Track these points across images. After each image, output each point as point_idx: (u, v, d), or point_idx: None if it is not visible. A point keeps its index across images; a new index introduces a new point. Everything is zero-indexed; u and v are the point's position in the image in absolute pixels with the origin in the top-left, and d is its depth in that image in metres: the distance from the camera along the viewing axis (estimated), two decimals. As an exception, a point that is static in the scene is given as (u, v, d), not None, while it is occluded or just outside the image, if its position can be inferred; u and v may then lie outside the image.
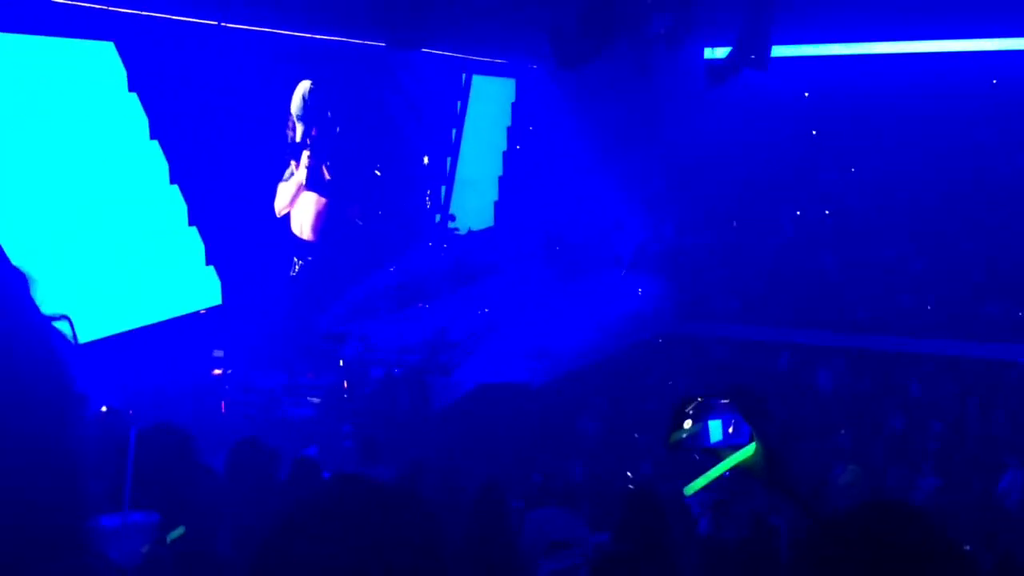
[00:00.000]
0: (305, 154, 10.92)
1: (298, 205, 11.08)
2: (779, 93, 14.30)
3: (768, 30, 11.64)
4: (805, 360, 12.36)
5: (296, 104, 10.79)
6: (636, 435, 10.70)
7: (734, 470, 1.85)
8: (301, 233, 11.16)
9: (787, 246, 14.17)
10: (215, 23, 9.24)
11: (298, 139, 10.90)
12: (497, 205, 15.58)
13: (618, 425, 11.28)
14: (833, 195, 14.55)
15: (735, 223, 14.84)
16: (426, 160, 13.47)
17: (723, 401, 2.03)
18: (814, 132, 15.04)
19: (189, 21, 9.03)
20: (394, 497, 1.06)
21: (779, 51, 12.61)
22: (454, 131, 14.02)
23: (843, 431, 10.39)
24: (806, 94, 15.06)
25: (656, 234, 15.28)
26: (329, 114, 11.08)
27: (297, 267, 11.32)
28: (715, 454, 1.94)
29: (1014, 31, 12.80)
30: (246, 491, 4.40)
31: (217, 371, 9.94)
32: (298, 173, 10.93)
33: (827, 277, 13.48)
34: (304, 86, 10.80)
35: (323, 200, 11.14)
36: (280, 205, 11.01)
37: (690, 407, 2.05)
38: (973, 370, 11.73)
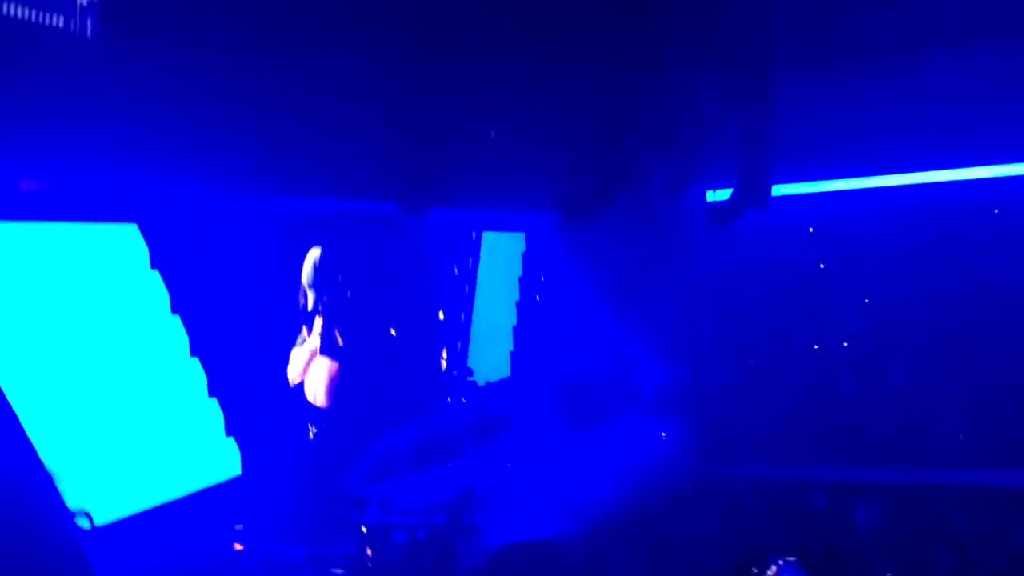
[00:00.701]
0: (318, 320, 10.94)
1: (312, 372, 11.02)
2: (784, 228, 14.57)
3: (767, 171, 12.02)
4: (841, 497, 12.02)
5: (307, 272, 10.90)
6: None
7: None
8: (315, 400, 11.06)
9: (808, 380, 14.08)
10: (232, 197, 9.55)
11: (310, 307, 10.94)
12: (513, 355, 15.61)
13: (651, 578, 10.87)
14: (849, 325, 14.57)
15: (752, 361, 14.80)
16: (441, 316, 13.58)
17: (790, 561, 1.92)
18: (822, 265, 15.21)
19: (207, 198, 9.33)
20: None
21: (780, 189, 12.99)
22: (467, 285, 14.23)
23: (889, 573, 9.99)
24: (810, 229, 15.32)
25: (674, 376, 15.19)
26: (340, 278, 11.18)
27: (312, 433, 11.14)
28: None
29: (1014, 159, 13.19)
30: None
31: (238, 545, 9.68)
32: (311, 340, 10.94)
33: (852, 410, 13.32)
34: (314, 253, 10.94)
35: (336, 365, 11.07)
36: (294, 373, 10.96)
37: (755, 568, 1.94)
38: (1015, 498, 11.39)
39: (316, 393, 11.06)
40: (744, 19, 10.76)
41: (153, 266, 9.03)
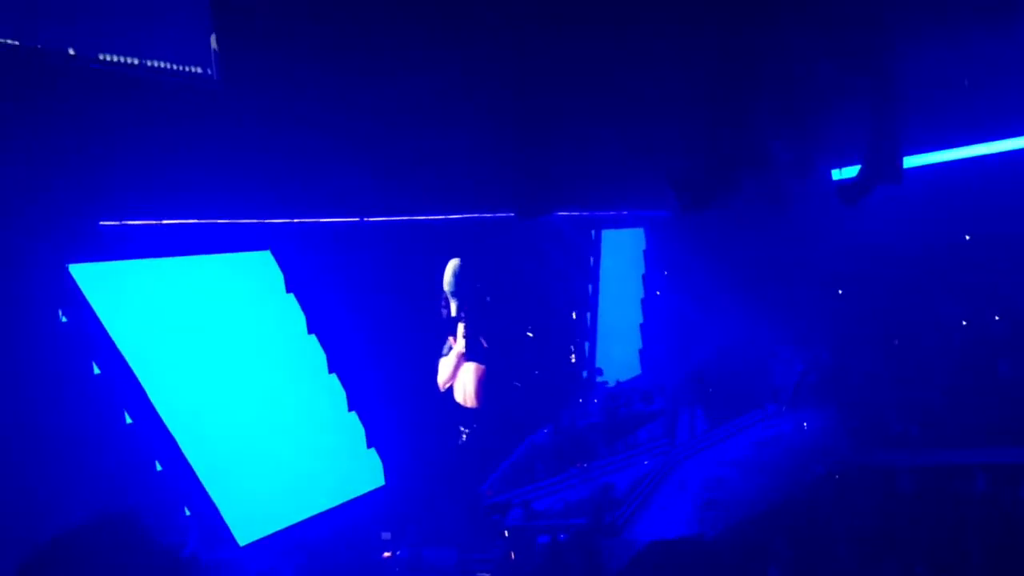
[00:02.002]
0: (461, 327, 11.36)
1: (460, 376, 11.46)
2: (921, 201, 13.79)
3: (897, 144, 11.39)
4: (1004, 480, 11.25)
5: (448, 281, 11.35)
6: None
7: None
8: (465, 402, 11.48)
9: (959, 358, 13.28)
10: (357, 219, 9.92)
11: (453, 314, 11.38)
12: (642, 353, 15.48)
13: (805, 572, 10.49)
14: (1000, 298, 13.66)
15: (896, 341, 14.09)
16: (574, 316, 13.69)
17: None
18: (967, 237, 14.32)
19: (334, 222, 9.74)
20: None
21: (911, 160, 12.29)
22: (590, 286, 14.23)
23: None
24: (949, 199, 14.44)
25: (813, 362, 14.68)
26: (478, 285, 11.55)
27: (464, 435, 11.52)
28: None
29: None
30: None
31: (387, 553, 10.00)
32: (456, 345, 11.37)
33: (1010, 386, 12.46)
34: (453, 263, 11.39)
35: (482, 368, 11.48)
36: (443, 379, 11.44)
37: None
38: None
39: (466, 396, 11.50)
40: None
41: (288, 290, 9.51)
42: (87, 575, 4.75)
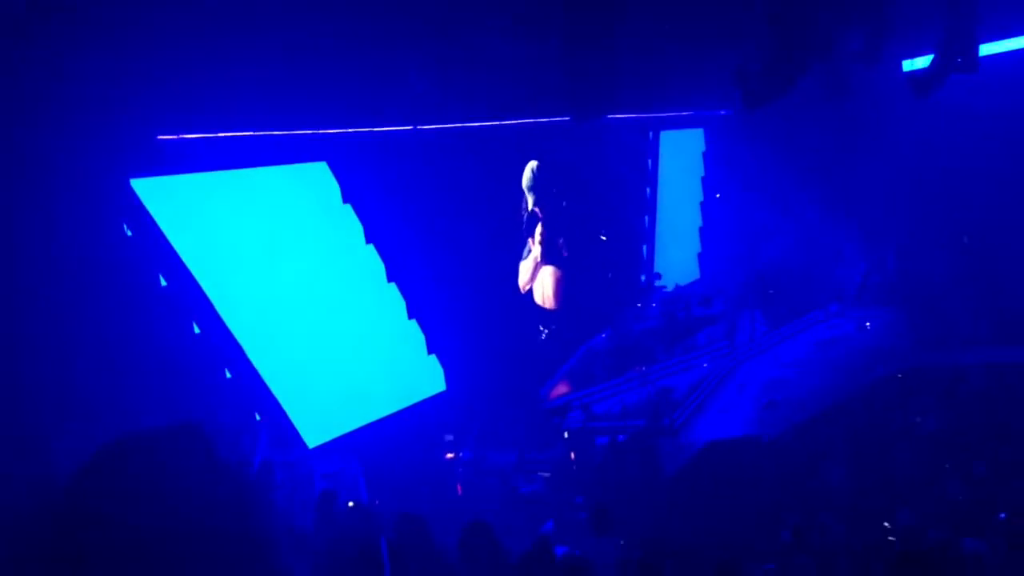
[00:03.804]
0: (538, 229, 11.54)
1: (539, 278, 11.72)
2: (994, 91, 13.07)
3: (973, 29, 10.79)
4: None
5: (527, 178, 11.53)
6: (889, 481, 9.90)
7: None
8: (544, 303, 11.76)
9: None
10: (410, 127, 9.85)
11: (529, 207, 11.53)
12: (701, 256, 15.30)
13: (866, 471, 10.51)
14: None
15: (966, 238, 13.62)
16: (646, 220, 13.66)
17: None
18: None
19: (389, 130, 9.68)
20: None
21: (986, 48, 11.61)
22: (648, 189, 14.01)
23: None
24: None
25: (879, 261, 14.35)
26: (555, 189, 11.68)
27: (544, 334, 11.88)
28: None
29: None
30: (479, 571, 4.59)
31: (450, 454, 10.30)
32: (535, 249, 11.59)
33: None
34: (532, 164, 11.53)
35: (560, 271, 11.73)
36: (523, 281, 11.72)
37: None
38: None
39: (544, 298, 11.73)
40: None
41: (345, 200, 9.57)
42: (147, 480, 4.92)
